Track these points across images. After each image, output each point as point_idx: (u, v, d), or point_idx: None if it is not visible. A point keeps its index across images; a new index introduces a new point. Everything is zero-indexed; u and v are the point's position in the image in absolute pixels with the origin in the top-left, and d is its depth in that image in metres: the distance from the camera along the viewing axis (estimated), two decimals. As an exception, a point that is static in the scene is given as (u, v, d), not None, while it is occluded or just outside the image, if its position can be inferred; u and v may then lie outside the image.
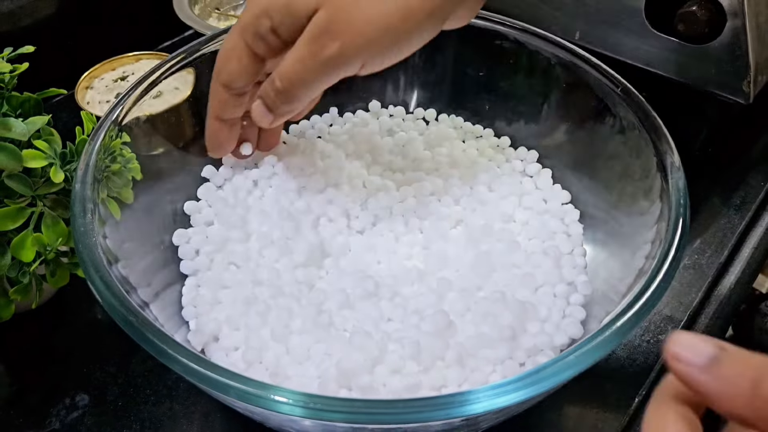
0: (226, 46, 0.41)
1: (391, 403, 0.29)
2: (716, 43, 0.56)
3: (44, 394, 0.43)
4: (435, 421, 0.29)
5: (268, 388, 0.29)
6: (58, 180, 0.39)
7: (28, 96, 0.42)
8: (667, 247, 0.34)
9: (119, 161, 0.41)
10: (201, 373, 0.30)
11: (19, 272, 0.40)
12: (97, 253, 0.34)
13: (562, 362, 0.30)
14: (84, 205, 0.36)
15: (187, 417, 0.42)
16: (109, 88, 0.59)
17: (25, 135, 0.39)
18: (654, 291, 0.32)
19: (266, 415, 0.33)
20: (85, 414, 0.42)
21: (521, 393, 0.29)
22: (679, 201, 0.36)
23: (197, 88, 0.49)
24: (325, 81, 0.39)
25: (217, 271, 0.43)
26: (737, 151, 0.61)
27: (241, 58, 0.40)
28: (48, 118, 0.41)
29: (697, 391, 0.22)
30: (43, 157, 0.39)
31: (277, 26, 0.38)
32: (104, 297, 0.33)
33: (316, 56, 0.37)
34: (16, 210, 0.39)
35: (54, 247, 0.40)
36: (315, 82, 0.38)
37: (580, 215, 0.47)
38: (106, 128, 0.40)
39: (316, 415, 0.29)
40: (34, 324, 0.46)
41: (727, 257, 0.52)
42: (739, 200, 0.55)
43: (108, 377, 0.44)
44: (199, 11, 0.67)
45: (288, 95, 0.39)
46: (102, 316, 0.48)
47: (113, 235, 0.38)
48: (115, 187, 0.40)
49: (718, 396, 0.21)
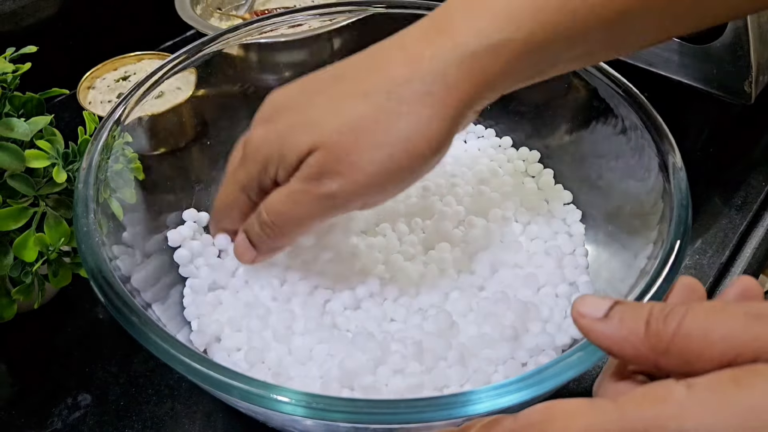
0: (225, 200, 0.40)
1: (394, 403, 0.29)
2: (718, 44, 0.56)
3: (46, 394, 0.43)
4: (437, 422, 0.29)
5: (270, 388, 0.29)
6: (61, 180, 0.39)
7: (31, 96, 0.42)
8: (669, 248, 0.34)
9: (121, 161, 0.41)
10: (204, 374, 0.30)
11: (22, 272, 0.40)
12: (100, 254, 0.34)
13: (564, 362, 0.30)
14: (87, 205, 0.36)
15: (189, 417, 0.42)
16: (111, 88, 0.59)
17: (28, 135, 0.39)
18: (656, 291, 0.32)
19: (269, 415, 0.33)
20: (87, 414, 0.42)
21: (523, 393, 0.29)
22: (681, 201, 0.36)
23: (199, 88, 0.49)
24: (319, 219, 0.37)
25: (215, 276, 0.43)
26: (738, 152, 0.60)
27: (242, 208, 0.39)
28: (50, 118, 0.41)
29: (600, 343, 0.23)
30: (45, 157, 0.39)
31: (274, 176, 0.37)
32: (107, 297, 0.33)
33: (312, 193, 0.35)
34: (19, 210, 0.39)
35: (56, 247, 0.40)
36: (308, 219, 0.37)
37: (581, 216, 0.47)
38: (108, 128, 0.40)
39: (319, 415, 0.29)
40: (36, 324, 0.46)
41: (729, 257, 0.52)
42: (741, 200, 0.55)
43: (110, 377, 0.44)
44: (201, 11, 0.67)
45: (277, 230, 0.37)
46: (104, 316, 0.48)
47: (115, 235, 0.38)
48: (117, 186, 0.40)
49: (618, 342, 0.23)
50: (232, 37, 0.48)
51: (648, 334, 0.22)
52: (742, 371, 0.20)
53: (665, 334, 0.22)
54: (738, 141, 0.62)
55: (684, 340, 0.22)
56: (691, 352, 0.22)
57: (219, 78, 0.50)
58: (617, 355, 0.24)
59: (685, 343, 0.22)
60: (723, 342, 0.21)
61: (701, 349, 0.21)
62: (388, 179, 0.35)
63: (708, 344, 0.21)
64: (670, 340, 0.22)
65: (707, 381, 0.20)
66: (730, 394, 0.20)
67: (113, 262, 0.35)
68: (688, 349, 0.22)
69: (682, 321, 0.22)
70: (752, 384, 0.20)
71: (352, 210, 0.37)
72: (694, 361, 0.22)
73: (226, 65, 0.50)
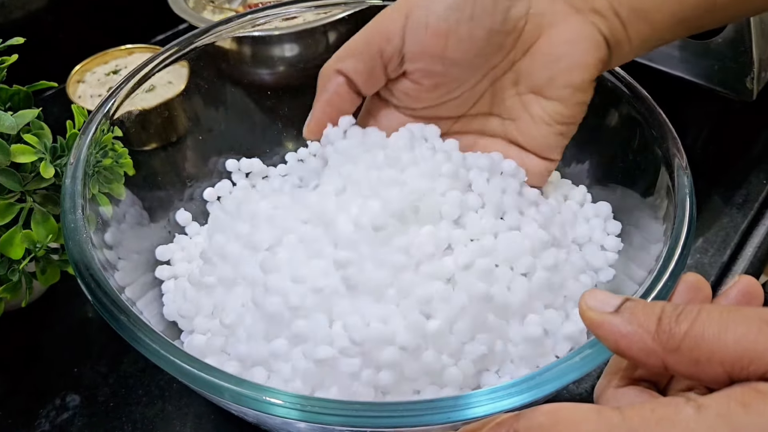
0: (358, 40, 0.39)
1: (390, 406, 0.28)
2: (719, 39, 0.56)
3: (34, 395, 0.43)
4: (435, 425, 0.28)
5: (262, 390, 0.28)
6: (48, 175, 0.38)
7: (18, 89, 0.42)
8: (673, 247, 0.34)
9: (111, 156, 0.40)
10: (193, 374, 0.29)
11: (9, 270, 0.39)
12: (88, 250, 0.34)
13: (564, 365, 0.29)
14: (74, 201, 0.35)
15: (179, 418, 0.42)
16: (101, 82, 0.58)
17: (14, 129, 0.38)
18: (660, 289, 0.32)
19: (261, 417, 0.32)
20: (76, 415, 0.42)
21: (523, 396, 0.28)
22: (685, 200, 0.36)
23: (191, 82, 0.49)
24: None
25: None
26: (740, 149, 0.60)
27: (368, 62, 0.39)
28: (38, 112, 0.40)
29: (608, 338, 0.23)
30: (32, 152, 0.38)
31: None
32: (94, 295, 0.32)
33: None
34: (5, 206, 0.38)
35: (44, 244, 0.39)
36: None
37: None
38: (97, 122, 0.39)
39: (313, 418, 0.28)
40: (23, 323, 0.46)
41: (730, 256, 0.51)
42: (742, 199, 0.55)
43: (99, 377, 0.43)
44: (194, 4, 0.66)
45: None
46: (93, 315, 0.47)
47: (104, 232, 0.37)
48: (106, 182, 0.39)
49: (628, 336, 0.23)
50: (225, 29, 0.47)
51: (659, 331, 0.22)
52: (750, 394, 0.20)
53: (677, 332, 0.22)
54: (739, 138, 0.61)
55: (696, 339, 0.21)
56: (702, 352, 0.21)
57: (212, 72, 0.49)
58: (624, 352, 0.23)
59: (696, 343, 0.21)
60: (736, 345, 0.21)
61: (713, 350, 0.21)
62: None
63: (721, 346, 0.21)
64: (682, 338, 0.22)
65: (716, 404, 0.20)
66: (738, 420, 0.20)
67: (101, 259, 0.34)
68: (699, 350, 0.21)
69: (696, 320, 0.22)
70: (761, 411, 0.19)
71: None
72: (704, 362, 0.21)
73: (218, 58, 0.49)
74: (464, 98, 0.41)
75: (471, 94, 0.41)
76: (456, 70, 0.39)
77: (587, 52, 0.37)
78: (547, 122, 0.39)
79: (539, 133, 0.40)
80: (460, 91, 0.40)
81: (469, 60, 0.38)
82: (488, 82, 0.40)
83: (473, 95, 0.41)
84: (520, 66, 0.39)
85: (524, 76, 0.39)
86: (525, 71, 0.39)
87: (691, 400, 0.21)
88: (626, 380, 0.26)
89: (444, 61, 0.38)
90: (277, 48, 0.54)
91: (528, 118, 0.40)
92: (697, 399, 0.21)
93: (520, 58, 0.39)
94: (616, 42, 0.38)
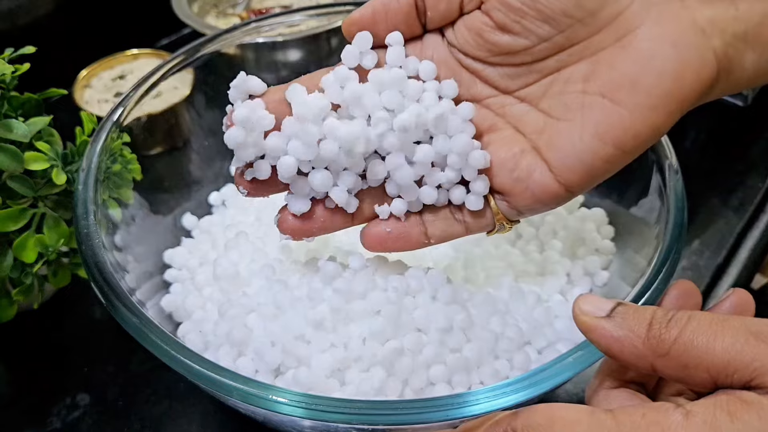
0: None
1: (392, 404, 0.29)
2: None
3: (45, 394, 0.44)
4: (434, 422, 0.29)
5: (269, 389, 0.29)
6: (61, 182, 0.39)
7: (29, 97, 0.42)
8: (665, 250, 0.34)
9: (120, 162, 0.41)
10: (203, 374, 0.30)
11: (22, 273, 0.40)
12: (100, 255, 0.34)
13: (558, 365, 0.30)
14: (87, 206, 0.36)
15: (187, 416, 0.43)
16: (107, 87, 0.59)
17: (27, 137, 0.39)
18: (651, 293, 0.32)
19: (268, 415, 0.33)
20: (86, 413, 0.43)
21: (521, 394, 0.29)
22: (676, 204, 0.36)
23: (196, 87, 0.49)
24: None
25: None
26: (735, 153, 0.61)
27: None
28: (49, 119, 0.41)
29: (600, 341, 0.24)
30: (45, 159, 0.39)
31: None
32: (107, 298, 0.33)
33: None
34: (18, 211, 0.39)
35: (56, 248, 0.40)
36: None
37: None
38: (107, 130, 0.40)
39: (317, 416, 0.29)
40: (35, 324, 0.46)
41: (725, 258, 0.52)
42: (738, 202, 0.56)
43: (108, 377, 0.44)
44: (198, 9, 0.67)
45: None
46: (101, 316, 0.48)
47: (114, 236, 0.38)
48: (115, 187, 0.40)
49: (619, 340, 0.24)
50: (231, 37, 0.48)
51: (650, 336, 0.23)
52: (736, 404, 0.21)
53: (667, 338, 0.23)
54: (735, 142, 0.62)
55: (685, 346, 0.22)
56: (690, 358, 0.22)
57: (216, 77, 0.50)
58: (616, 355, 0.24)
59: (685, 349, 0.22)
60: (723, 354, 0.22)
61: (701, 357, 0.22)
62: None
63: (709, 354, 0.22)
64: (672, 344, 0.23)
65: (704, 411, 0.21)
66: (724, 428, 0.21)
67: (112, 262, 0.35)
68: (688, 355, 0.22)
69: (686, 327, 0.23)
70: (745, 420, 0.20)
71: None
72: (692, 368, 0.22)
73: (223, 65, 0.50)
74: (521, 70, 0.33)
75: (530, 69, 0.33)
76: (534, 23, 0.31)
77: (688, 63, 0.29)
78: (600, 137, 0.31)
79: (581, 147, 0.31)
80: (522, 58, 0.32)
81: (555, 18, 0.31)
82: (556, 63, 0.32)
83: (532, 72, 0.33)
84: (603, 56, 0.31)
85: (603, 70, 0.31)
86: (607, 62, 0.31)
87: (680, 406, 0.22)
88: (617, 382, 0.27)
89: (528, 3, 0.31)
90: (281, 54, 0.55)
91: (577, 126, 0.31)
92: (686, 405, 0.22)
93: (608, 46, 0.31)
94: (728, 65, 0.30)
